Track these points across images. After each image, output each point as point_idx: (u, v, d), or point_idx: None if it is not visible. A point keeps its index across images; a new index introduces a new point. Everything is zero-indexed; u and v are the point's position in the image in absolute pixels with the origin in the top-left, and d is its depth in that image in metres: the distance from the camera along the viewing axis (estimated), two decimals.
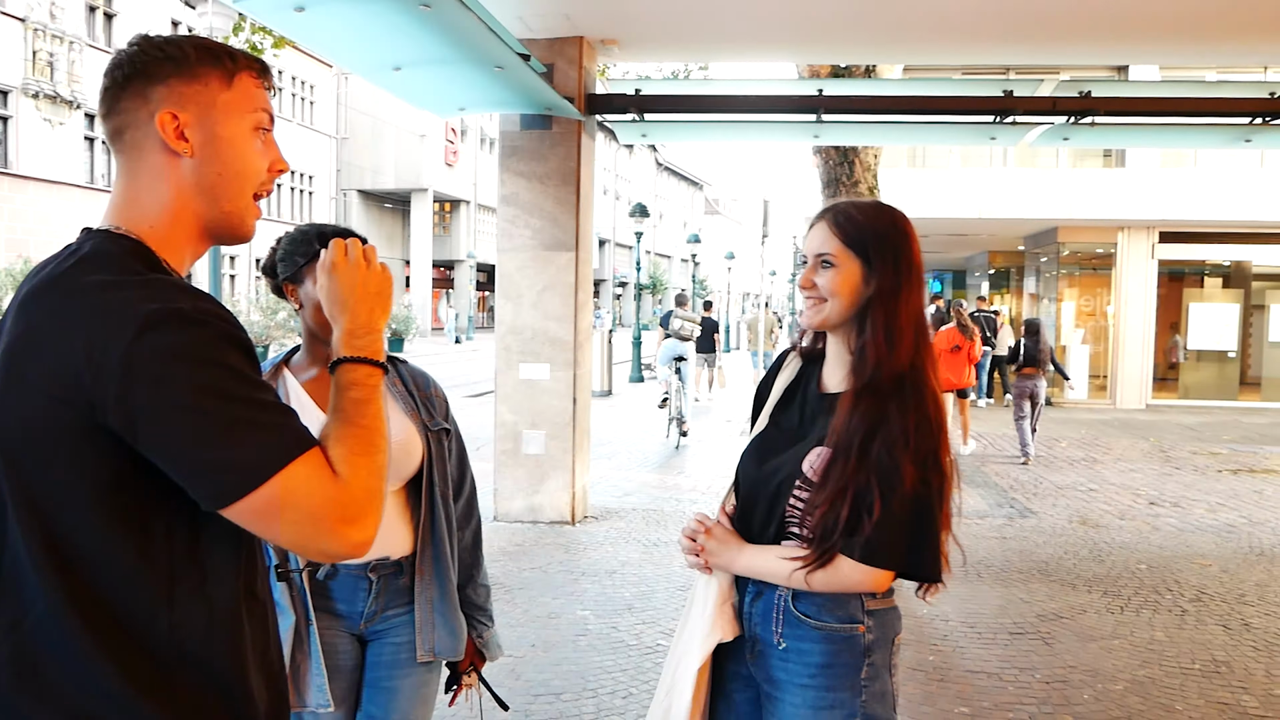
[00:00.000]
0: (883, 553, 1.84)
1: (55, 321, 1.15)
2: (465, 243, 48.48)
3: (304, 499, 1.16)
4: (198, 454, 1.13)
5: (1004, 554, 6.88)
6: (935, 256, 26.56)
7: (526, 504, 7.59)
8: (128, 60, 1.29)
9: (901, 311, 1.90)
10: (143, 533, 1.18)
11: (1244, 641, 5.14)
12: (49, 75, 26.14)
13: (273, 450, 1.16)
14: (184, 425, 1.12)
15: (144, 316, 1.12)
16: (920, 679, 4.53)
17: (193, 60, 1.29)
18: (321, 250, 2.14)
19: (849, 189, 12.64)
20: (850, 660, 1.89)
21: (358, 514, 1.20)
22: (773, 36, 7.85)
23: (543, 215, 7.54)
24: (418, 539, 2.27)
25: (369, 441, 1.26)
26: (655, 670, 4.58)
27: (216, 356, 1.15)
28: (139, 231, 1.27)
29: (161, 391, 1.11)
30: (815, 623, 1.90)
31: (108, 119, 1.30)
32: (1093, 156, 18.81)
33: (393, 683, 2.26)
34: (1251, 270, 19.25)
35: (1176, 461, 11.46)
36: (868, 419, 1.85)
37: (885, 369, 1.87)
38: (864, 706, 1.88)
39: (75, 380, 1.13)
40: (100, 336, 1.12)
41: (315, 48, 6.72)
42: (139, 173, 1.29)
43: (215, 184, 1.30)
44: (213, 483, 1.14)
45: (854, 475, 1.83)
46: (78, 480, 1.16)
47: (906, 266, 1.93)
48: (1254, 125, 7.90)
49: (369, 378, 1.34)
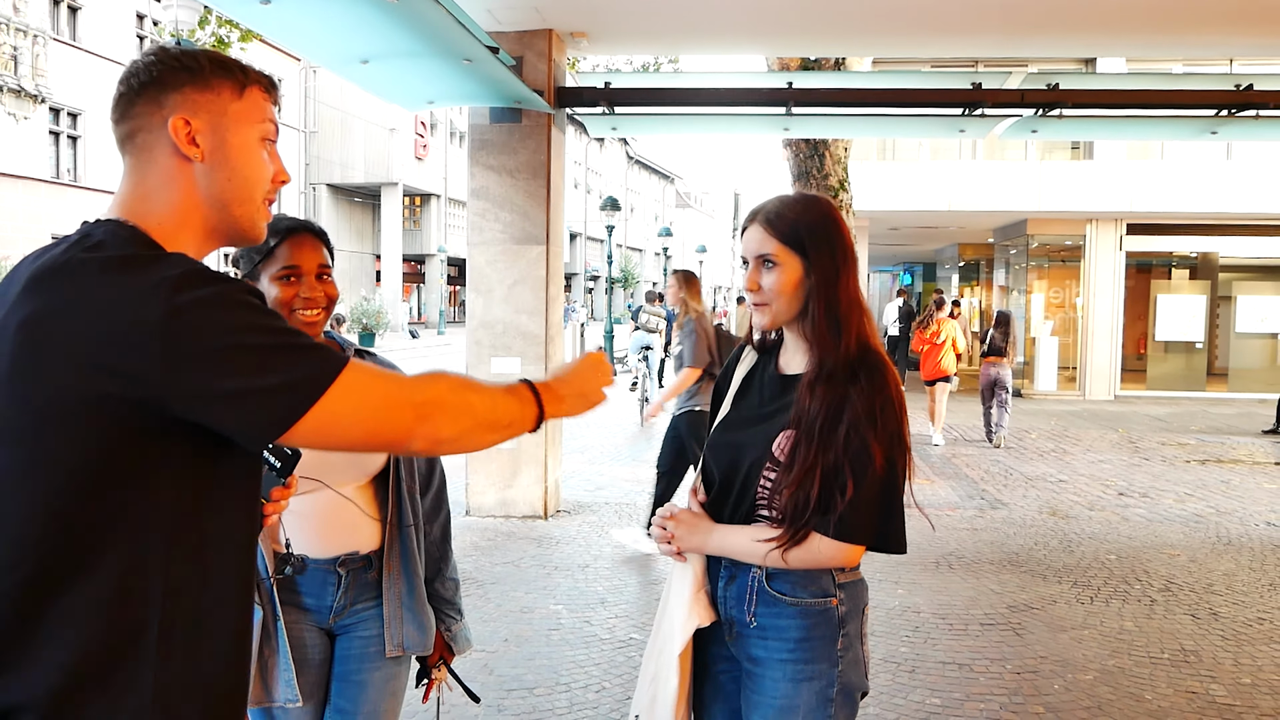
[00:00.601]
0: (857, 529, 1.92)
1: (77, 303, 1.17)
2: (436, 237, 48.23)
3: (367, 391, 1.25)
4: (253, 382, 1.17)
5: (975, 545, 6.92)
6: (905, 249, 26.72)
7: (499, 499, 7.56)
8: (144, 68, 1.33)
9: (842, 297, 1.99)
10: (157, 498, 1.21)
11: (1212, 631, 5.19)
12: (13, 69, 25.73)
13: (323, 361, 1.22)
14: (233, 359, 1.17)
15: (174, 279, 1.16)
16: (892, 670, 4.54)
17: (207, 71, 1.34)
18: (275, 248, 2.11)
19: (819, 182, 12.66)
20: (826, 633, 1.97)
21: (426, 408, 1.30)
22: (742, 29, 7.84)
23: (513, 209, 7.50)
24: (385, 534, 2.25)
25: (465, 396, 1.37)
26: (629, 664, 4.57)
27: (246, 300, 1.21)
28: (145, 226, 1.30)
29: (205, 334, 1.16)
30: (790, 599, 1.97)
31: (121, 123, 1.34)
32: (1061, 149, 18.95)
33: (362, 676, 2.25)
34: (1218, 261, 19.46)
35: (1145, 452, 11.58)
36: (827, 401, 1.93)
37: (837, 353, 1.97)
38: (840, 675, 1.97)
39: (113, 358, 1.15)
40: (132, 309, 1.15)
41: (282, 41, 6.64)
42: (148, 175, 1.33)
43: (224, 189, 1.35)
44: (274, 405, 1.19)
45: (819, 455, 1.90)
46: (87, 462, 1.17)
47: (841, 253, 2.02)
48: (1220, 117, 7.96)
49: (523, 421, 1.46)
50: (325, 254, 2.17)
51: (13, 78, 25.64)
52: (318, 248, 2.15)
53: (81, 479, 1.17)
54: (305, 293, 2.10)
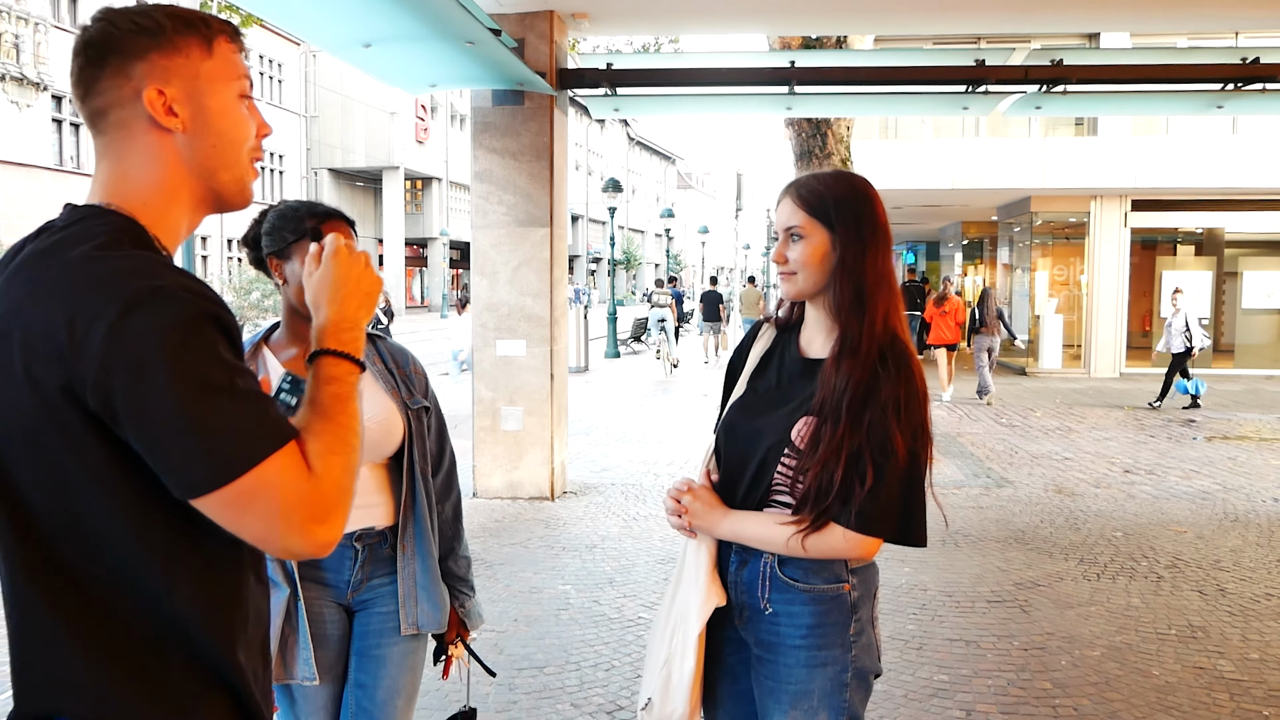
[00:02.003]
0: (876, 521, 1.89)
1: (36, 299, 1.11)
2: (438, 220, 48.18)
3: (277, 494, 1.13)
4: (174, 443, 1.09)
5: (981, 523, 6.93)
6: (908, 228, 26.64)
7: (506, 480, 7.58)
8: (100, 37, 1.23)
9: (869, 272, 1.94)
10: (143, 517, 1.15)
11: (1219, 607, 5.20)
12: (15, 57, 25.72)
13: (251, 442, 1.12)
14: (162, 412, 1.08)
15: (128, 295, 1.08)
16: (899, 648, 4.56)
17: (169, 30, 1.24)
18: (312, 229, 2.14)
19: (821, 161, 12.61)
20: (839, 619, 1.95)
21: (327, 513, 1.17)
22: (742, 7, 7.80)
23: (516, 191, 7.49)
24: (399, 514, 2.29)
25: (346, 440, 1.24)
26: (637, 643, 4.60)
27: (198, 340, 1.11)
28: (131, 208, 1.23)
29: (141, 376, 1.07)
30: (803, 585, 1.95)
31: (87, 101, 1.24)
32: (1065, 125, 18.86)
33: (381, 651, 2.29)
34: (1224, 237, 19.40)
35: (1150, 429, 11.58)
36: (854, 379, 1.88)
37: (863, 331, 1.92)
38: (854, 661, 1.96)
39: (59, 359, 1.09)
40: (83, 315, 1.08)
41: (284, 25, 6.61)
42: (128, 153, 1.24)
43: (210, 155, 1.27)
44: (188, 473, 1.10)
45: (846, 438, 1.86)
46: (74, 464, 1.12)
47: (870, 229, 1.97)
48: (1226, 91, 7.92)
49: (349, 374, 1.32)
50: (356, 242, 2.21)
51: (15, 65, 25.64)
52: (351, 236, 2.19)
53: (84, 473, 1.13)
54: None
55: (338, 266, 1.41)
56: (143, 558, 1.15)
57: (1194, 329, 13.24)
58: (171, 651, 1.18)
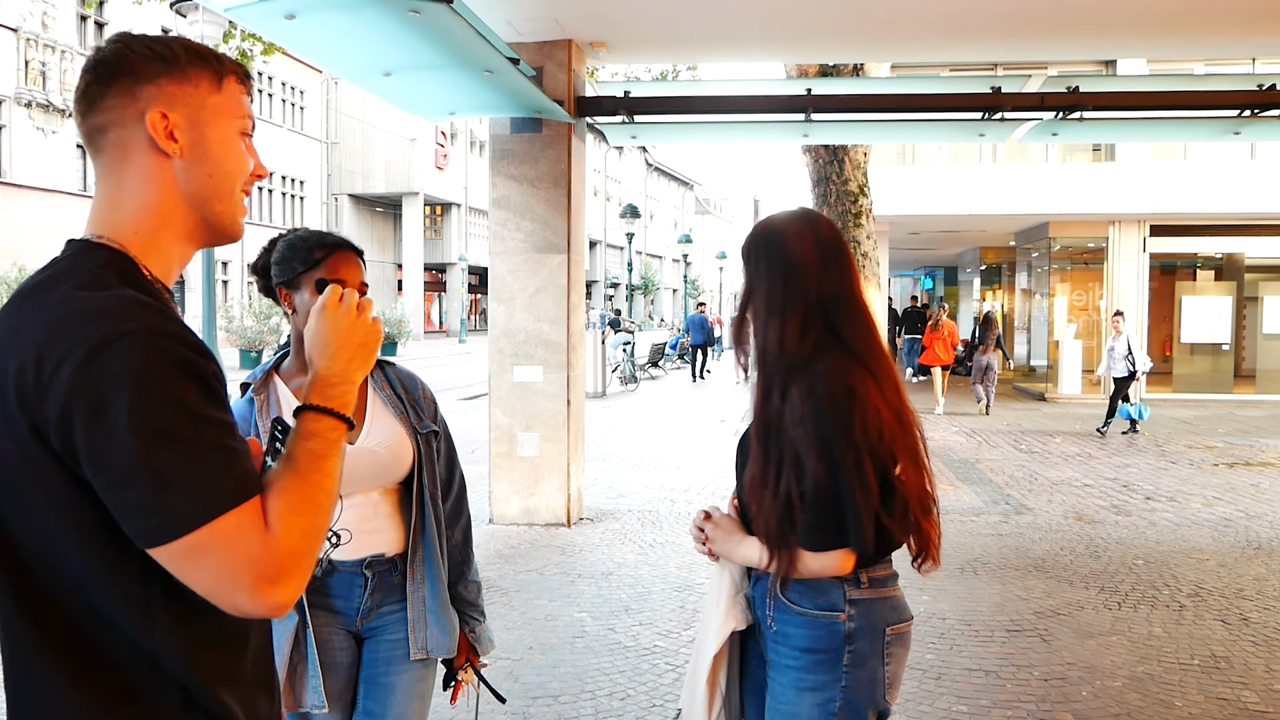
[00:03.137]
0: (816, 535, 1.95)
1: (17, 338, 1.12)
2: (457, 245, 48.46)
3: (226, 552, 1.10)
4: (128, 492, 1.07)
5: (1000, 551, 6.88)
6: (926, 253, 26.62)
7: (522, 506, 7.59)
8: (113, 58, 1.23)
9: (767, 303, 2.06)
10: (118, 558, 1.13)
11: (1243, 636, 5.14)
12: (41, 84, 26.17)
13: (205, 498, 1.09)
14: (118, 460, 1.06)
15: (96, 337, 1.07)
16: (917, 677, 4.53)
17: (183, 61, 1.25)
18: (321, 261, 2.17)
19: (839, 187, 12.64)
20: (830, 646, 1.99)
21: (279, 575, 1.13)
22: (760, 36, 7.85)
23: (534, 218, 7.54)
24: (409, 539, 2.30)
25: (314, 500, 1.20)
26: (653, 671, 4.58)
27: (164, 388, 1.08)
28: (121, 239, 1.22)
29: (100, 422, 1.06)
30: (798, 608, 2.01)
31: (88, 117, 1.24)
32: (1082, 151, 18.83)
33: (389, 679, 2.29)
34: (1244, 262, 19.30)
35: (1172, 456, 11.49)
36: (760, 418, 2.02)
37: (762, 366, 2.06)
38: (845, 691, 1.98)
39: (26, 398, 1.09)
40: (51, 356, 1.08)
41: (306, 55, 6.70)
42: (123, 175, 1.24)
43: (205, 185, 1.27)
44: (140, 522, 1.09)
45: (763, 467, 1.99)
46: (47, 503, 1.12)
47: (772, 264, 2.07)
48: (1243, 118, 7.91)
49: (331, 431, 1.28)
50: (364, 272, 2.25)
51: (41, 93, 26.06)
52: (359, 266, 2.23)
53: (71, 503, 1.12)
54: None
55: (326, 320, 1.40)
56: (120, 599, 1.14)
57: (1136, 353, 13.20)
58: (163, 691, 1.17)
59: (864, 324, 2.05)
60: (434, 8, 4.95)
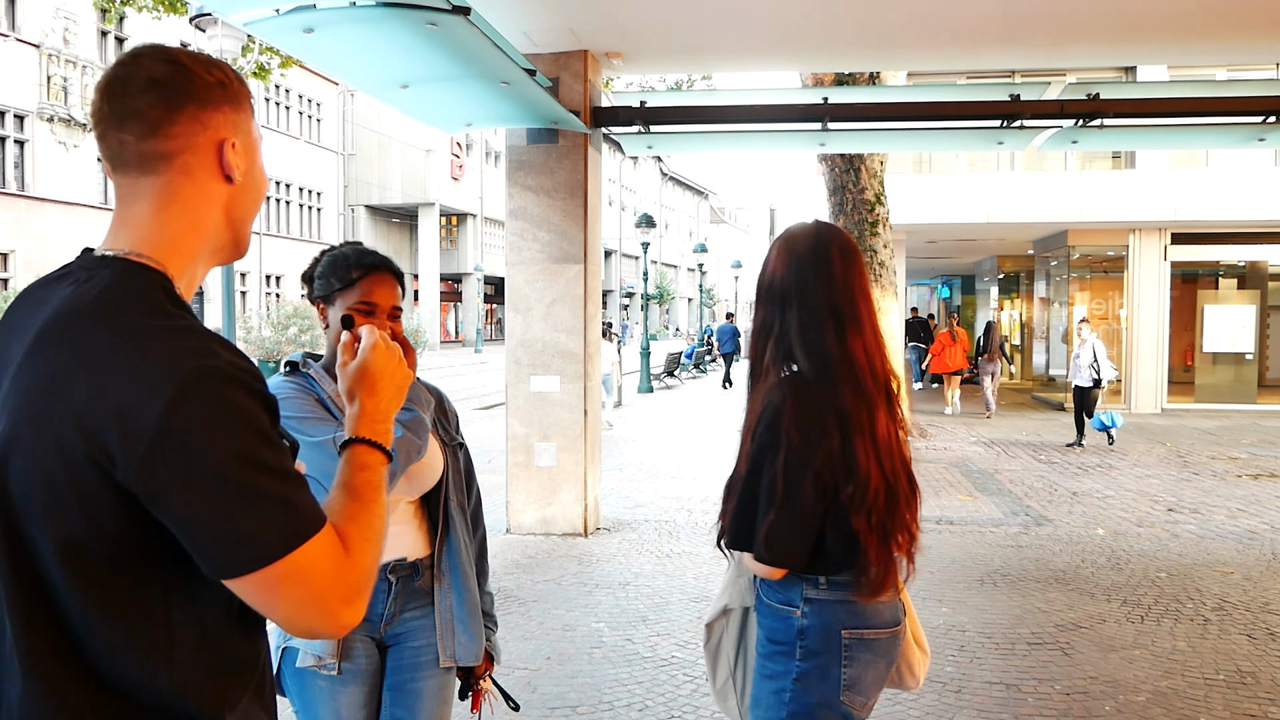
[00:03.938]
0: (731, 535, 2.15)
1: (82, 366, 1.10)
2: (472, 256, 48.64)
3: (314, 577, 1.15)
4: (219, 524, 1.10)
5: (1020, 563, 6.82)
6: (943, 262, 26.51)
7: (539, 516, 7.57)
8: (174, 79, 1.22)
9: (764, 317, 2.21)
10: (141, 588, 1.14)
11: (1270, 651, 5.07)
12: (63, 99, 26.45)
13: (294, 525, 1.13)
14: (209, 494, 1.08)
15: (183, 376, 1.08)
16: (937, 690, 4.48)
17: (236, 86, 1.28)
18: (357, 282, 2.15)
19: (855, 196, 12.61)
20: (786, 639, 2.12)
21: (354, 595, 1.20)
22: (776, 45, 7.84)
23: (551, 228, 7.54)
24: (434, 549, 2.33)
25: (375, 527, 1.27)
26: (671, 682, 4.55)
27: (249, 420, 1.12)
28: (162, 258, 1.21)
29: (192, 457, 1.07)
30: (766, 600, 2.18)
31: (149, 139, 1.21)
32: (1102, 158, 18.71)
33: (417, 684, 2.31)
34: (1268, 270, 19.10)
35: (1195, 466, 11.37)
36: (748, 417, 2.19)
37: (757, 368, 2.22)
38: (796, 683, 2.10)
39: (100, 434, 1.08)
40: (134, 393, 1.07)
41: (324, 68, 6.73)
42: (180, 197, 1.23)
43: (250, 208, 1.32)
44: (227, 554, 1.11)
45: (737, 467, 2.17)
46: (81, 536, 1.11)
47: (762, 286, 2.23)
48: (1267, 124, 7.82)
49: (381, 464, 1.36)
50: (399, 294, 2.24)
51: (63, 107, 26.33)
52: (395, 288, 2.22)
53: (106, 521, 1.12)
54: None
55: (375, 361, 1.47)
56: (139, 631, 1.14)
57: (1101, 362, 12.90)
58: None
59: (861, 343, 2.11)
60: (451, 20, 4.96)
